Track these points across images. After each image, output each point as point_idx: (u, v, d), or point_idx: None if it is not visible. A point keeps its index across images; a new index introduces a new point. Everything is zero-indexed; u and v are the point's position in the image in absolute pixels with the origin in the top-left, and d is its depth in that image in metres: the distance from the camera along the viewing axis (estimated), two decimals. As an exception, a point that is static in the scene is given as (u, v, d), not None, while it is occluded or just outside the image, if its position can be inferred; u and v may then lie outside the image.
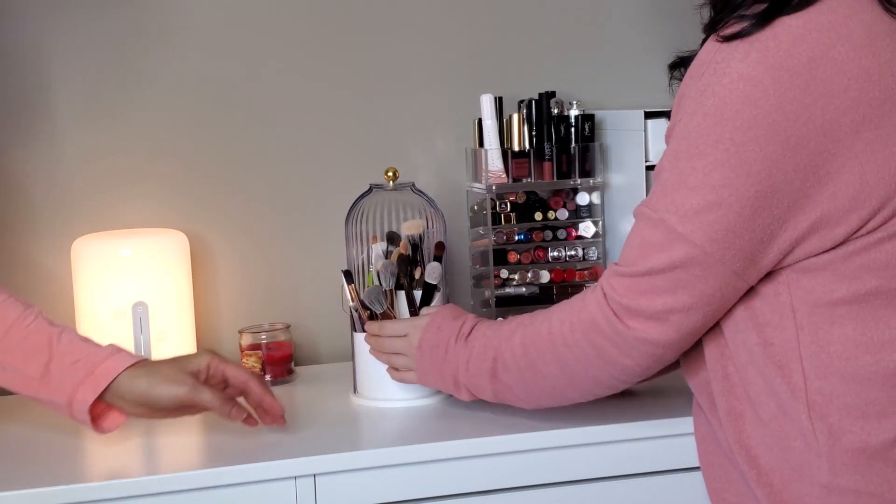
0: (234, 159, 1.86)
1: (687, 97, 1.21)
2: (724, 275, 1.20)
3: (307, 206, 1.88)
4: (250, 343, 1.75)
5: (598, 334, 1.27)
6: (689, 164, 1.18)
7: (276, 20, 1.86)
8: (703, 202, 1.17)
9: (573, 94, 1.85)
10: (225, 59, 1.84)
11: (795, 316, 1.21)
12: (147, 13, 1.81)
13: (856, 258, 1.18)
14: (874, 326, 1.18)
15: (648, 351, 1.26)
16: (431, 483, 1.41)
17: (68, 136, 1.79)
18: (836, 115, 1.14)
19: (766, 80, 1.14)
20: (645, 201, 1.25)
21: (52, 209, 1.79)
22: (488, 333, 1.41)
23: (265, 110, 1.86)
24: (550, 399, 1.39)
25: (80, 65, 1.79)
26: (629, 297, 1.24)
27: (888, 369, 1.18)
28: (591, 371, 1.31)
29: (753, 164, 1.15)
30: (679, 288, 1.21)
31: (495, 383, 1.40)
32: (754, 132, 1.14)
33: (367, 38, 1.89)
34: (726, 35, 1.17)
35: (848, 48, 1.14)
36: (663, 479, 1.47)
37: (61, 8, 1.77)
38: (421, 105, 1.92)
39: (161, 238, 1.74)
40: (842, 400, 1.19)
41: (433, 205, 1.65)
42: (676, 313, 1.23)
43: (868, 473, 1.18)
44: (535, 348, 1.34)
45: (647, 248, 1.22)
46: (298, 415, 1.59)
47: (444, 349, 1.44)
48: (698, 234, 1.18)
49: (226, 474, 1.34)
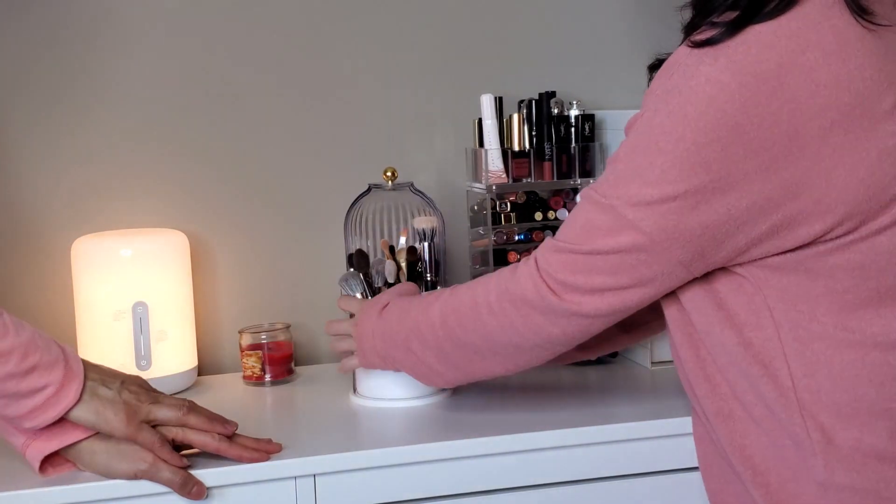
0: (234, 159, 1.86)
1: (653, 94, 1.21)
2: (669, 264, 1.21)
3: (307, 206, 1.88)
4: (250, 343, 1.75)
5: (527, 304, 1.28)
6: (647, 159, 1.18)
7: (276, 20, 1.86)
8: (657, 195, 1.18)
9: (573, 94, 1.85)
10: (225, 59, 1.84)
11: (773, 314, 1.20)
12: (156, 21, 1.81)
13: (828, 258, 1.17)
14: (856, 325, 1.18)
15: (576, 322, 1.27)
16: (431, 483, 1.41)
17: (68, 135, 1.79)
18: (803, 121, 1.13)
19: (733, 85, 1.14)
20: (594, 185, 1.25)
21: (52, 209, 1.79)
22: (404, 305, 1.43)
23: (265, 110, 1.86)
24: (467, 369, 1.40)
25: (80, 64, 1.79)
26: (565, 273, 1.25)
27: (874, 366, 1.18)
28: (515, 339, 1.32)
29: (713, 163, 1.15)
30: (620, 270, 1.22)
31: (409, 356, 1.41)
32: (717, 133, 1.14)
33: (366, 37, 1.89)
34: (697, 41, 1.18)
35: (818, 54, 1.14)
36: (663, 479, 1.47)
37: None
38: (421, 105, 1.92)
39: (161, 238, 1.74)
40: (830, 398, 1.18)
41: (432, 205, 1.65)
42: (613, 290, 1.24)
43: (863, 471, 1.18)
44: (455, 317, 1.35)
45: (593, 229, 1.23)
46: (298, 415, 1.59)
47: (370, 324, 1.45)
48: (648, 223, 1.19)
49: (226, 474, 1.34)
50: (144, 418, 1.31)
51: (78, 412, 1.28)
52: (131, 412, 1.29)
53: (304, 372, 1.80)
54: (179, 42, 1.83)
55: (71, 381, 1.28)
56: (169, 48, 1.82)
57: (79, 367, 1.29)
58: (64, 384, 1.27)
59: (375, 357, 1.47)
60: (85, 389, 1.29)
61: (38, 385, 1.26)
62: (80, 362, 1.30)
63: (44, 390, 1.26)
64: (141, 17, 1.80)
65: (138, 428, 1.30)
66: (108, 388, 1.30)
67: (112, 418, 1.29)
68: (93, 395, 1.29)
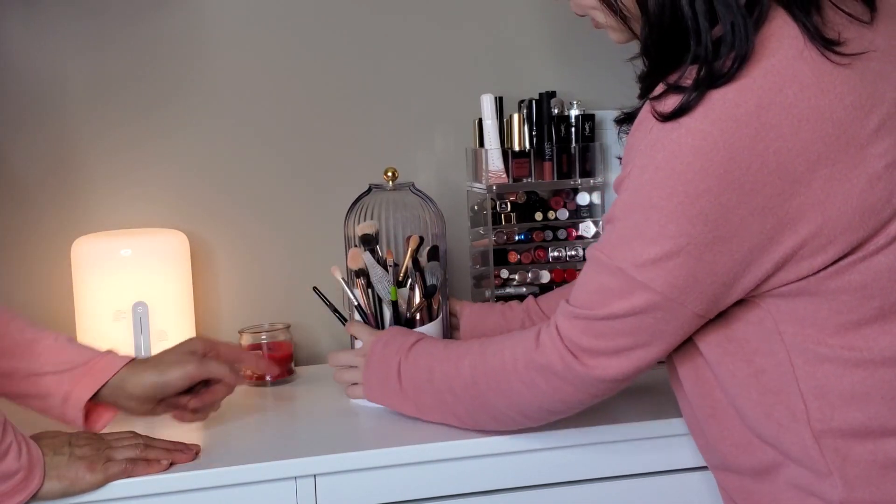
0: (235, 159, 1.86)
1: (635, 149, 1.19)
2: (685, 317, 1.20)
3: (307, 206, 1.88)
4: (250, 343, 1.75)
5: (555, 375, 1.27)
6: (644, 216, 1.17)
7: (276, 20, 1.86)
8: (661, 252, 1.16)
9: (573, 94, 1.85)
10: (224, 59, 1.84)
11: (783, 338, 1.20)
12: (149, 16, 1.81)
13: (830, 282, 1.16)
14: (863, 343, 1.17)
15: (604, 387, 1.27)
16: (431, 483, 1.41)
17: (68, 136, 1.79)
18: (790, 157, 1.12)
19: (715, 132, 1.12)
20: (598, 245, 1.23)
21: (52, 209, 1.79)
22: (432, 351, 1.43)
23: (265, 110, 1.86)
24: (496, 425, 1.39)
25: (81, 65, 1.79)
26: (587, 339, 1.24)
27: (883, 382, 1.17)
28: (545, 405, 1.32)
29: (709, 212, 1.14)
30: (639, 330, 1.21)
31: (440, 404, 1.41)
32: (707, 183, 1.13)
33: (366, 37, 1.89)
34: (665, 114, 1.15)
35: (796, 89, 1.12)
36: (663, 479, 1.47)
37: (63, 12, 1.77)
38: (421, 105, 1.92)
39: (161, 238, 1.74)
40: (843, 418, 1.18)
41: (433, 205, 1.65)
42: (635, 350, 1.23)
43: (883, 484, 1.17)
44: (485, 379, 1.35)
45: (606, 293, 1.21)
46: (298, 415, 1.59)
47: (390, 363, 1.46)
48: (659, 281, 1.17)
49: (226, 474, 1.34)
50: (105, 461, 1.31)
51: (45, 489, 1.28)
52: (90, 463, 1.30)
53: (304, 372, 1.80)
54: (177, 45, 1.82)
55: (34, 467, 1.27)
56: (168, 51, 1.82)
57: (37, 451, 1.28)
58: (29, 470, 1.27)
59: (380, 390, 1.47)
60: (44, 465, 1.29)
61: (11, 470, 1.25)
62: (37, 448, 1.29)
63: (14, 476, 1.25)
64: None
65: (104, 470, 1.30)
66: (61, 455, 1.30)
67: (76, 477, 1.29)
68: (51, 468, 1.29)
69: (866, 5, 1.20)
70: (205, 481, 1.33)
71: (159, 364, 1.40)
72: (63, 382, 1.36)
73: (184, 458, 1.36)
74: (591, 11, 1.30)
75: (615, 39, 1.32)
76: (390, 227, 1.65)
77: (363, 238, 1.61)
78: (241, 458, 1.37)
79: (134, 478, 1.31)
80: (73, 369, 1.37)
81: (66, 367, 1.37)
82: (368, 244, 1.60)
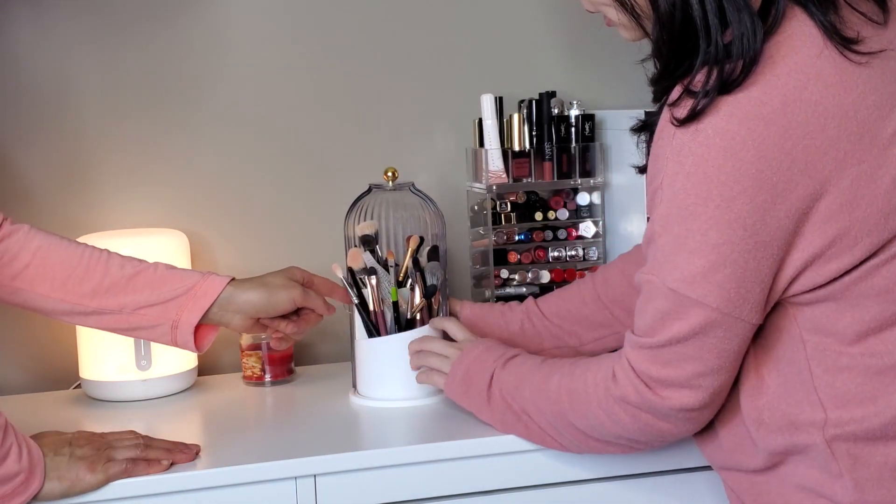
0: (235, 159, 1.86)
1: (662, 157, 1.18)
2: (744, 329, 1.18)
3: (307, 206, 1.88)
4: (250, 343, 1.75)
5: (632, 406, 1.24)
6: (684, 226, 1.16)
7: (275, 21, 1.86)
8: (707, 263, 1.15)
9: (573, 94, 1.85)
10: (224, 60, 1.84)
11: (805, 347, 1.19)
12: (151, 18, 1.81)
13: (853, 288, 1.16)
14: (882, 347, 1.17)
15: (685, 416, 1.23)
16: (431, 483, 1.41)
17: (71, 137, 1.79)
18: (818, 156, 1.12)
19: (743, 132, 1.12)
20: (646, 269, 1.21)
21: (53, 209, 1.79)
22: (529, 363, 1.40)
23: (265, 110, 1.86)
24: (579, 447, 1.36)
25: (84, 67, 1.79)
26: (656, 368, 1.21)
27: None
28: (626, 434, 1.28)
29: (747, 216, 1.13)
30: (704, 352, 1.18)
31: (524, 417, 1.38)
32: (741, 184, 1.12)
33: (366, 37, 1.89)
34: (680, 119, 1.14)
35: (820, 87, 1.12)
36: (663, 480, 1.47)
37: (68, 13, 1.77)
38: (421, 105, 1.92)
39: (161, 238, 1.74)
40: (861, 426, 1.17)
41: (433, 205, 1.65)
42: (706, 377, 1.20)
43: (894, 487, 1.17)
44: (568, 399, 1.31)
45: (663, 317, 1.19)
46: (298, 415, 1.59)
47: (485, 367, 1.43)
48: (712, 297, 1.15)
49: (226, 474, 1.34)
50: (106, 461, 1.31)
51: (45, 490, 1.28)
52: (90, 464, 1.30)
53: (304, 372, 1.80)
54: (179, 47, 1.82)
55: (35, 468, 1.28)
56: (169, 53, 1.82)
57: (38, 453, 1.29)
58: (30, 472, 1.27)
59: (462, 389, 1.44)
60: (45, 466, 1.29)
61: (12, 472, 1.25)
62: (37, 449, 1.29)
63: (15, 478, 1.26)
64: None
65: (104, 470, 1.30)
66: (61, 455, 1.30)
67: (76, 478, 1.29)
68: (51, 469, 1.29)
69: (878, 6, 1.20)
70: (205, 481, 1.34)
71: (266, 285, 1.47)
72: (170, 311, 1.41)
73: (184, 458, 1.36)
74: (604, 8, 1.29)
75: (626, 37, 1.30)
76: (390, 227, 1.65)
77: (363, 238, 1.61)
78: (241, 458, 1.37)
79: (134, 478, 1.31)
80: (177, 297, 1.42)
81: (171, 296, 1.42)
82: (368, 244, 1.60)
